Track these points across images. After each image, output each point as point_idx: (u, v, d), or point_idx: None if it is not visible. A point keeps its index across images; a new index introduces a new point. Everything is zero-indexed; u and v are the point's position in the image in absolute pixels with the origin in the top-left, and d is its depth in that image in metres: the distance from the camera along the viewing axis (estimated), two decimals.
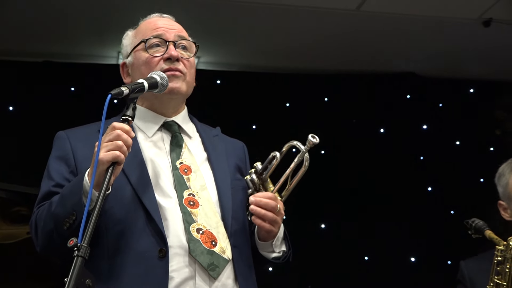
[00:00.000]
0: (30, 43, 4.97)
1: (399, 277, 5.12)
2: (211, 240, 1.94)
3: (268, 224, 2.03)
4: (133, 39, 2.22)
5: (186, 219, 1.95)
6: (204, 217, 1.98)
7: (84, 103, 4.53)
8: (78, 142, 2.07)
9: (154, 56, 2.12)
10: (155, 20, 2.24)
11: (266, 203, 2.01)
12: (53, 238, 1.90)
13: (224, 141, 2.31)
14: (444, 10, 4.56)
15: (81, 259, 1.54)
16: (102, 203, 1.67)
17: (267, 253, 2.15)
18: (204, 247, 1.92)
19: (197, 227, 1.95)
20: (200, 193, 2.04)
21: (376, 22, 4.74)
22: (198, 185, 2.05)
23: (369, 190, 5.34)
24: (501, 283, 2.55)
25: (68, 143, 2.08)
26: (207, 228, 1.96)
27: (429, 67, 5.53)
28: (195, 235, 1.93)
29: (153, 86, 1.95)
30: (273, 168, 2.10)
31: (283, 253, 2.17)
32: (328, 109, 5.54)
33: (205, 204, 2.02)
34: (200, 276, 1.91)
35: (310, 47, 5.16)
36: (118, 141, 1.77)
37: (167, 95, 2.09)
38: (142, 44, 2.15)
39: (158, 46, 2.15)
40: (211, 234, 1.96)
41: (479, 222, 2.68)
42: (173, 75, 2.09)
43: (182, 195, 2.00)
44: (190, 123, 2.26)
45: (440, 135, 5.58)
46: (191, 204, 1.99)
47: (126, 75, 2.22)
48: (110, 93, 1.78)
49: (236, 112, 5.22)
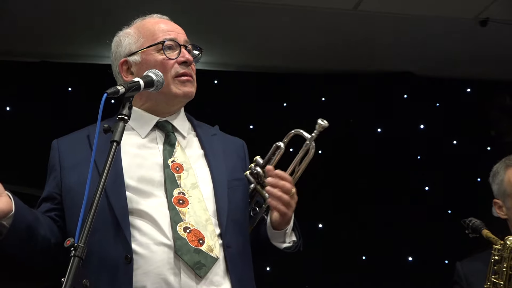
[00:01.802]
0: (27, 43, 4.96)
1: (397, 276, 5.13)
2: (198, 238, 1.94)
3: (283, 206, 2.05)
4: (138, 38, 2.20)
5: (173, 218, 1.96)
6: (193, 215, 1.98)
7: (81, 103, 4.53)
8: (67, 150, 2.13)
9: (170, 58, 2.14)
10: (160, 22, 2.25)
11: (283, 184, 2.04)
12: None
13: (222, 140, 2.31)
14: (441, 10, 4.56)
15: (78, 259, 1.54)
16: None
17: (279, 243, 2.17)
18: (191, 245, 1.92)
19: (184, 226, 1.95)
20: (191, 192, 2.04)
21: (373, 22, 4.74)
22: (189, 183, 2.05)
23: (366, 190, 5.34)
24: (499, 282, 2.56)
25: (57, 153, 2.14)
26: (195, 226, 1.96)
27: (427, 67, 5.53)
28: (182, 234, 1.93)
29: (149, 84, 1.95)
30: (278, 158, 2.10)
31: (294, 243, 2.21)
32: (325, 109, 5.54)
33: (195, 202, 2.02)
34: (185, 274, 1.91)
35: (308, 47, 5.16)
36: None
37: (180, 98, 2.16)
38: (158, 46, 2.16)
39: (170, 49, 2.16)
40: (199, 232, 1.96)
41: (476, 221, 2.69)
42: (187, 80, 2.15)
43: (172, 193, 2.01)
44: (186, 122, 2.27)
45: (437, 134, 5.58)
46: (180, 203, 1.99)
47: (127, 73, 2.20)
48: (106, 92, 1.78)
49: (234, 112, 5.22)
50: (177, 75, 2.14)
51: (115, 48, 2.25)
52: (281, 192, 2.04)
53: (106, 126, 1.79)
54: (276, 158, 2.14)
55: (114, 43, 2.27)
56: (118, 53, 2.23)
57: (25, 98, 4.95)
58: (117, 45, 2.25)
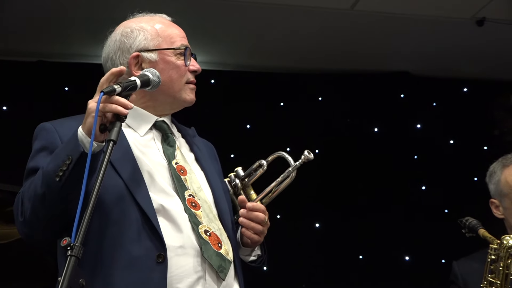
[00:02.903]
0: (24, 43, 4.96)
1: (394, 276, 5.13)
2: (217, 242, 1.97)
3: (257, 236, 2.10)
4: (155, 37, 2.17)
5: (192, 221, 1.96)
6: (206, 219, 1.99)
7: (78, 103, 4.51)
8: (67, 134, 1.92)
9: (185, 65, 2.17)
10: (172, 26, 2.25)
11: (256, 216, 2.09)
12: (42, 207, 1.83)
13: (201, 142, 2.34)
14: (437, 9, 4.56)
15: (74, 259, 1.52)
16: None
17: (245, 257, 2.20)
18: (213, 249, 1.94)
19: (204, 229, 1.96)
20: (198, 195, 2.04)
21: (370, 21, 4.74)
22: (195, 186, 2.06)
23: (363, 189, 5.34)
24: (495, 281, 2.57)
25: (56, 135, 2.03)
26: (212, 230, 1.98)
27: (423, 66, 5.53)
28: (205, 237, 1.94)
29: (146, 83, 1.93)
30: (258, 176, 2.14)
31: (259, 257, 2.22)
32: (322, 109, 5.55)
33: (205, 205, 2.03)
34: (210, 276, 1.94)
35: (304, 47, 5.16)
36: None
37: (187, 103, 2.19)
38: (177, 50, 2.17)
39: (183, 55, 2.18)
40: (216, 236, 1.98)
41: (473, 221, 2.69)
42: (194, 88, 2.20)
43: (184, 196, 2.00)
44: (174, 124, 2.29)
45: (434, 134, 5.59)
46: (193, 206, 1.99)
47: (137, 67, 2.14)
48: (103, 91, 1.76)
49: (230, 112, 5.22)
50: (188, 81, 2.18)
51: (123, 38, 2.17)
52: (254, 223, 2.09)
53: (103, 125, 1.77)
54: (257, 174, 2.18)
55: (122, 32, 2.19)
56: (128, 44, 2.16)
57: (22, 98, 4.95)
58: (126, 36, 2.17)
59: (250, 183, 2.18)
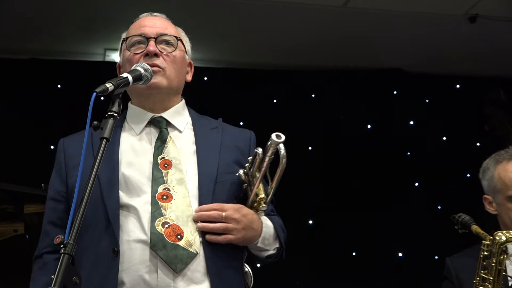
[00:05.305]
0: (16, 40, 4.94)
1: (387, 272, 5.14)
2: (176, 233, 1.93)
3: (221, 237, 2.00)
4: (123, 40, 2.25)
5: (153, 214, 1.96)
6: (175, 210, 1.97)
7: (70, 101, 4.50)
8: (71, 150, 2.14)
9: (135, 53, 2.16)
10: (142, 19, 2.26)
11: (208, 215, 1.99)
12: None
13: (223, 133, 2.29)
14: (430, 6, 4.58)
15: (67, 257, 1.53)
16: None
17: (258, 252, 2.14)
18: (167, 241, 1.91)
19: (164, 221, 1.94)
20: (177, 187, 2.02)
21: (362, 18, 4.75)
22: (175, 179, 2.04)
23: (356, 186, 5.35)
24: (488, 277, 2.56)
25: (62, 153, 2.17)
26: (174, 221, 1.95)
27: (416, 63, 5.54)
28: (159, 229, 1.93)
29: (138, 78, 1.95)
30: (257, 164, 2.07)
31: (277, 250, 2.17)
32: (315, 106, 5.55)
33: (179, 198, 2.01)
34: (162, 270, 1.91)
35: (297, 44, 5.16)
36: None
37: (148, 90, 2.13)
38: (124, 43, 2.20)
39: (140, 44, 2.17)
40: (178, 227, 1.95)
41: (466, 217, 2.69)
42: (153, 71, 2.08)
43: (156, 189, 2.00)
44: (183, 117, 2.26)
45: (426, 130, 5.60)
46: (164, 198, 1.99)
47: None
48: (95, 91, 1.76)
49: (223, 109, 5.18)
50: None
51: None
52: (212, 224, 1.98)
53: (95, 123, 1.77)
54: (256, 162, 2.06)
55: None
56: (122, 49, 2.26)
57: (14, 95, 4.93)
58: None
59: (255, 172, 2.09)
